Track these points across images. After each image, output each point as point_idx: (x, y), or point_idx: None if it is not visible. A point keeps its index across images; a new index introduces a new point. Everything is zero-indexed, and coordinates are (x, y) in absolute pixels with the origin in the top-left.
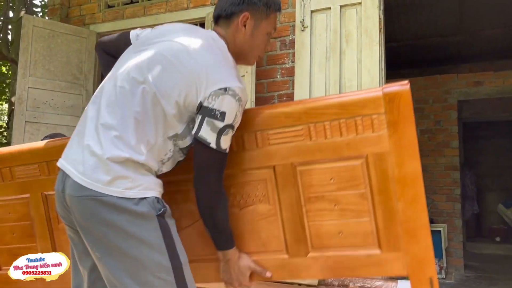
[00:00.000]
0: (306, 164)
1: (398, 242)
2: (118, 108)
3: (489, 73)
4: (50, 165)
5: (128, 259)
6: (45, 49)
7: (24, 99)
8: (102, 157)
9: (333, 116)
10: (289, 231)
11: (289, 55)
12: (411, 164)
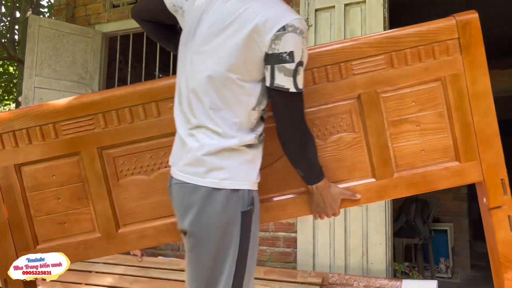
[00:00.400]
0: (389, 91)
1: (474, 152)
2: (196, 106)
3: (496, 72)
4: (107, 116)
5: (205, 252)
6: (51, 49)
7: (31, 98)
8: (197, 153)
9: (412, 44)
10: (375, 155)
11: None
12: (482, 81)
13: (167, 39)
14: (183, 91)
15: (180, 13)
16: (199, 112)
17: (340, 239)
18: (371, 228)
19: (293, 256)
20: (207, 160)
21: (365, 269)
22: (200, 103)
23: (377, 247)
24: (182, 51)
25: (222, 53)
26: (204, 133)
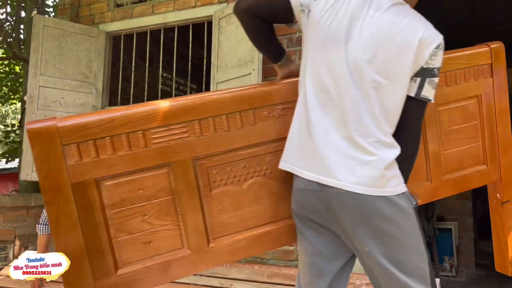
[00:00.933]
0: (443, 105)
1: (495, 157)
2: (359, 113)
3: None
4: (203, 123)
5: (399, 247)
6: (55, 49)
7: (35, 97)
8: (378, 165)
9: (461, 66)
10: (431, 160)
11: (296, 53)
12: (504, 99)
13: (269, 38)
14: (332, 94)
15: (306, 12)
16: (364, 120)
17: None
18: None
19: (295, 254)
20: (386, 174)
21: None
22: (364, 110)
23: None
24: (318, 52)
25: (387, 64)
26: (374, 143)
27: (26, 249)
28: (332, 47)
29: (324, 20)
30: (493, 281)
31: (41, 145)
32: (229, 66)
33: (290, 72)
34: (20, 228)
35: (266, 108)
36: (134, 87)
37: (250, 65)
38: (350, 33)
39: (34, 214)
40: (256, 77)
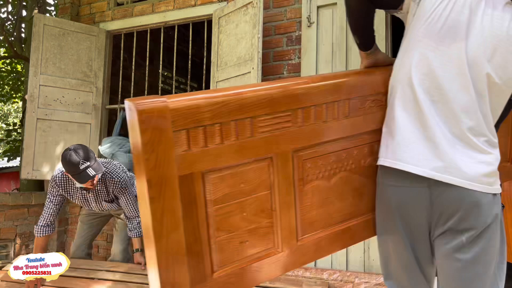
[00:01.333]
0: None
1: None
2: (469, 110)
3: None
4: (305, 112)
5: (492, 248)
6: (56, 47)
7: (36, 96)
8: (494, 165)
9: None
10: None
11: (296, 51)
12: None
13: (370, 22)
14: (446, 89)
15: (417, 1)
16: (478, 119)
17: None
18: None
19: None
20: (496, 173)
21: (367, 266)
22: (478, 109)
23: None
24: (430, 44)
25: (505, 65)
26: (485, 142)
27: (27, 247)
28: (451, 40)
29: (439, 10)
30: None
31: (152, 130)
32: (229, 64)
33: (376, 61)
34: (21, 226)
35: (360, 98)
36: (135, 86)
37: (249, 64)
38: (470, 28)
39: (34, 212)
40: (255, 76)
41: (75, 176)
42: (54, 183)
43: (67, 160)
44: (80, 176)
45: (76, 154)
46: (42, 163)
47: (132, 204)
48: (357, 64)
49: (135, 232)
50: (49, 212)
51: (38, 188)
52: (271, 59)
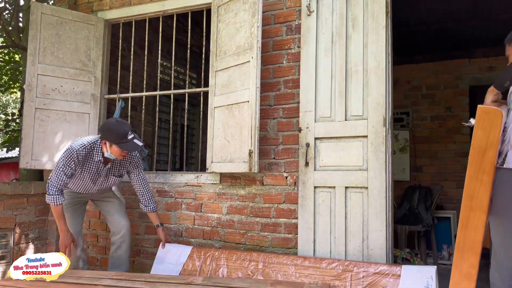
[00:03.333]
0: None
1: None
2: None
3: (503, 58)
4: None
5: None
6: (53, 36)
7: (34, 86)
8: None
9: None
10: None
11: (295, 40)
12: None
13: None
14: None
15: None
16: None
17: (341, 225)
18: (371, 214)
19: (294, 241)
20: None
21: (365, 255)
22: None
23: (378, 233)
24: None
25: None
26: None
27: (26, 237)
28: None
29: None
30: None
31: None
32: (228, 54)
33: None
34: (20, 216)
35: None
36: (134, 76)
37: (249, 53)
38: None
39: (34, 202)
40: (254, 65)
41: (122, 145)
42: (75, 156)
43: (118, 128)
44: (128, 144)
45: (124, 124)
46: (41, 153)
47: (146, 178)
48: (356, 53)
49: (152, 206)
50: (61, 182)
51: (37, 178)
52: (271, 48)
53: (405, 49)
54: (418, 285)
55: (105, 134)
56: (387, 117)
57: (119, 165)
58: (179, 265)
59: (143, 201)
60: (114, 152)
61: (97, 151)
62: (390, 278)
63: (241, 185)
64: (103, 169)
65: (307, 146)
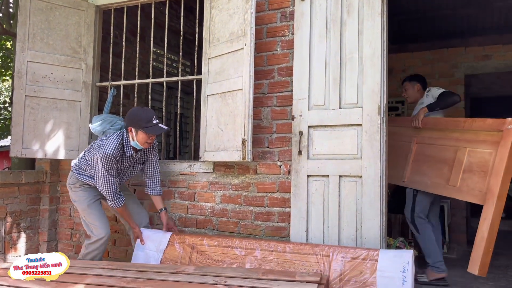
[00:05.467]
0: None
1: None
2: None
3: (498, 47)
4: None
5: None
6: (43, 22)
7: (24, 73)
8: None
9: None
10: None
11: (290, 27)
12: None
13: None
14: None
15: None
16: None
17: (334, 214)
18: (365, 203)
19: (287, 230)
20: None
21: (359, 244)
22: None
23: (371, 222)
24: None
25: None
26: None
27: (18, 226)
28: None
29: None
30: None
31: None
32: (221, 41)
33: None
34: (12, 205)
35: None
36: (126, 63)
37: (242, 40)
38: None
39: (25, 191)
40: (248, 53)
41: (149, 128)
42: (112, 159)
43: (143, 114)
44: (154, 128)
45: (148, 110)
46: (32, 141)
47: (158, 160)
48: (351, 40)
49: (159, 189)
50: (115, 185)
51: (30, 167)
52: (265, 35)
53: (401, 38)
54: (395, 269)
55: (131, 120)
56: (382, 106)
57: (144, 151)
58: (160, 252)
59: (151, 184)
60: (140, 139)
61: (127, 147)
62: (368, 263)
63: (234, 174)
64: (136, 158)
65: (300, 135)
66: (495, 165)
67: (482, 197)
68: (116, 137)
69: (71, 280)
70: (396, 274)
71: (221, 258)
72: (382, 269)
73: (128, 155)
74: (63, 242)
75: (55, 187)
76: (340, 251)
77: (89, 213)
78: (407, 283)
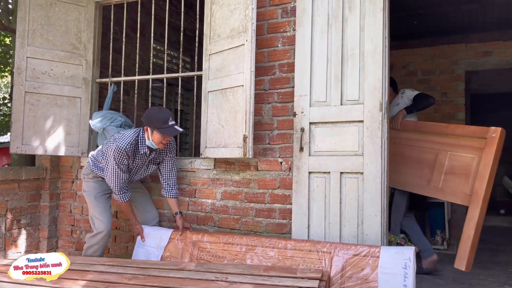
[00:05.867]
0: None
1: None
2: None
3: (499, 43)
4: None
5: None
6: (43, 18)
7: (23, 69)
8: None
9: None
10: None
11: (291, 23)
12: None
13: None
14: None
15: None
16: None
17: (335, 211)
18: (366, 199)
19: (288, 227)
20: None
21: (360, 241)
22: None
23: (373, 219)
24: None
25: None
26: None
27: (18, 222)
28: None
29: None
30: (484, 254)
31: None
32: (222, 37)
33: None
34: (12, 201)
35: None
36: (126, 59)
37: (243, 36)
38: None
39: (25, 187)
40: (249, 49)
41: (164, 129)
42: (124, 153)
43: (160, 115)
44: (169, 130)
45: (165, 111)
46: (32, 138)
47: (175, 164)
48: (353, 36)
49: (175, 191)
50: (123, 180)
51: (29, 163)
52: (266, 31)
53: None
54: (396, 266)
55: (147, 120)
56: (383, 102)
57: (160, 152)
58: (161, 249)
59: (167, 186)
60: (155, 139)
61: (142, 144)
62: (369, 260)
63: (235, 171)
64: (149, 158)
65: (301, 131)
66: (480, 170)
67: (466, 198)
68: (133, 133)
69: (72, 276)
70: (398, 271)
71: (222, 254)
72: (384, 266)
73: (142, 152)
74: (63, 239)
75: (56, 183)
76: (341, 248)
77: (94, 205)
78: (409, 279)
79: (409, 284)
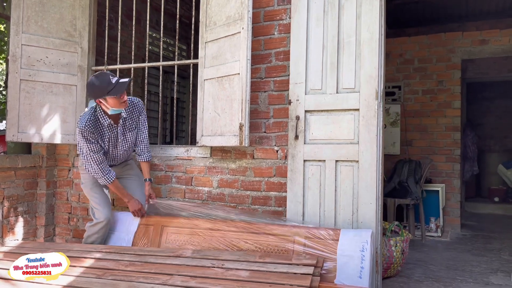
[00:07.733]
0: None
1: None
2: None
3: (495, 31)
4: None
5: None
6: (37, 5)
7: (18, 56)
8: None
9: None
10: None
11: (287, 11)
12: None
13: None
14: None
15: None
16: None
17: (330, 199)
18: (362, 187)
19: (284, 214)
20: None
21: (355, 228)
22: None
23: (368, 206)
24: None
25: None
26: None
27: (15, 210)
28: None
29: None
30: (478, 241)
31: None
32: (218, 24)
33: None
34: (9, 189)
35: None
36: (121, 47)
37: (239, 24)
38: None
39: (22, 175)
40: (245, 36)
41: (113, 91)
42: (87, 132)
43: (99, 80)
44: (117, 88)
45: (102, 74)
46: (28, 126)
47: (146, 124)
48: (349, 23)
49: (147, 154)
50: (99, 161)
51: (26, 151)
52: (262, 19)
53: (398, 22)
54: (354, 248)
55: (93, 93)
56: (379, 90)
57: (129, 117)
58: (130, 234)
59: (138, 150)
60: (113, 104)
61: (102, 116)
62: (330, 242)
63: (231, 159)
64: (117, 129)
65: (297, 119)
66: None
67: None
68: (88, 111)
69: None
70: (356, 253)
71: (188, 238)
72: (342, 248)
73: (106, 124)
74: (60, 226)
75: (52, 171)
76: (304, 231)
77: (91, 196)
78: (365, 261)
79: (366, 266)
